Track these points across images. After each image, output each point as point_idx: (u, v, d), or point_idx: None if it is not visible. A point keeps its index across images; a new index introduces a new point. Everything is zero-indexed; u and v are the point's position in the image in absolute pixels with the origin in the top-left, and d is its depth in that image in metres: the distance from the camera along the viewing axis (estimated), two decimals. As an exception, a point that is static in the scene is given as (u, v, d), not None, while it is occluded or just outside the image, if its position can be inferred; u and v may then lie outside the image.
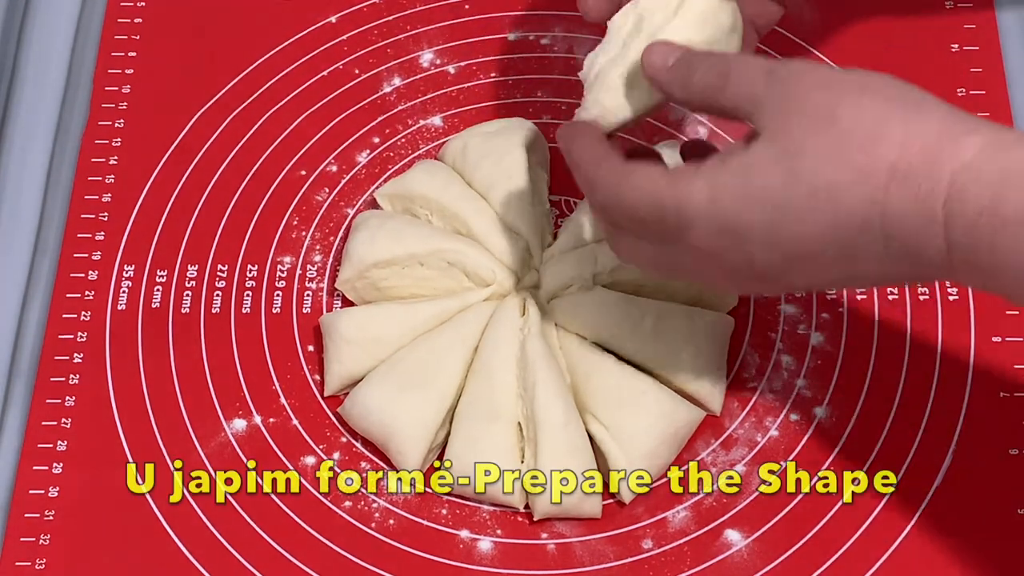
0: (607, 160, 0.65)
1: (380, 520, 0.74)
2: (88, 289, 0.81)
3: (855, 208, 0.59)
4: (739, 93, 0.62)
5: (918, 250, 0.58)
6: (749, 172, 0.61)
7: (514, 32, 0.89)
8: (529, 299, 0.77)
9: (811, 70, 0.61)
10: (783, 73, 0.61)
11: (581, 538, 0.73)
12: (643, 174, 0.63)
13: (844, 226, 0.59)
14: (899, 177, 0.58)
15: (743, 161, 0.61)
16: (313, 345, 0.79)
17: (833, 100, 0.60)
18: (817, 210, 0.59)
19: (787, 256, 0.61)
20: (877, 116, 0.59)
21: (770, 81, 0.61)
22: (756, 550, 0.73)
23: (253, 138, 0.85)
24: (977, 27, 0.88)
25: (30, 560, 0.73)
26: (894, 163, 0.58)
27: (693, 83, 0.64)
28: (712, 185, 0.61)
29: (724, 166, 0.61)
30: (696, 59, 0.65)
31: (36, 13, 0.91)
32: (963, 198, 0.57)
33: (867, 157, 0.58)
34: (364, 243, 0.78)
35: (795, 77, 0.61)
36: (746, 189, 0.61)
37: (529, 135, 0.81)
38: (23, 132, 0.86)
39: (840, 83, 0.60)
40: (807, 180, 0.59)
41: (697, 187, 0.62)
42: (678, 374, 0.75)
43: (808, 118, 0.60)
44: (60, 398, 0.77)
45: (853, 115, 0.59)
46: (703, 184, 0.62)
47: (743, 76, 0.62)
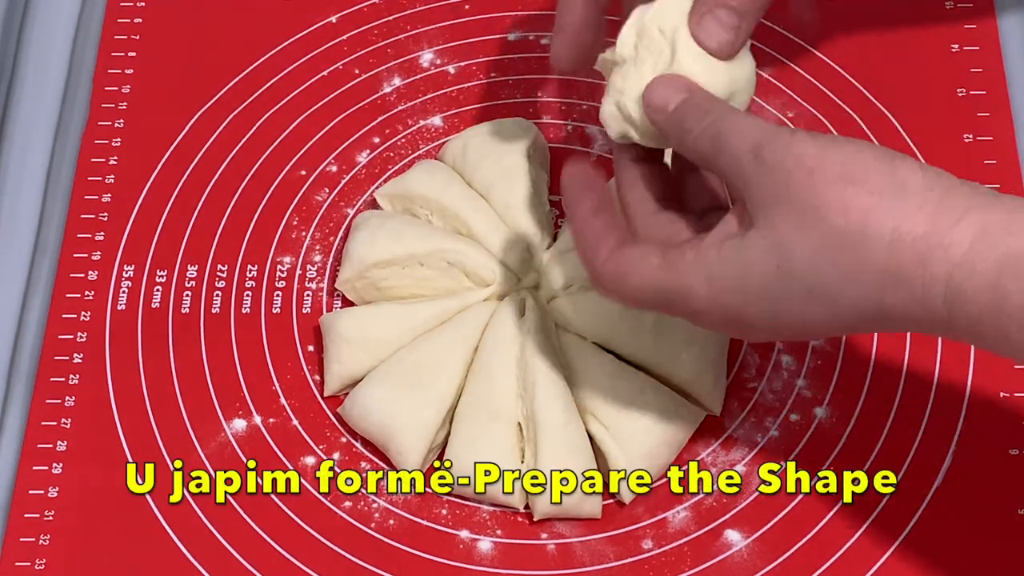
0: (604, 242, 0.65)
1: (380, 520, 0.74)
2: (88, 289, 0.81)
3: (853, 303, 0.59)
4: (729, 169, 0.62)
5: (924, 331, 0.59)
6: (745, 268, 0.60)
7: (514, 32, 0.89)
8: (529, 299, 0.77)
9: (794, 157, 0.59)
10: (768, 156, 0.60)
11: (581, 538, 0.73)
12: (641, 266, 0.63)
13: (844, 316, 0.60)
14: (892, 280, 0.58)
15: (739, 255, 0.60)
16: (313, 345, 0.79)
17: (817, 194, 0.58)
18: (815, 305, 0.60)
19: (793, 335, 0.63)
20: (862, 213, 0.58)
21: (756, 163, 0.60)
22: (756, 550, 0.73)
23: (253, 138, 0.85)
24: (977, 27, 0.88)
25: (30, 560, 0.73)
26: (884, 267, 0.58)
27: (687, 144, 0.63)
28: (710, 279, 0.61)
29: (721, 256, 0.61)
30: (692, 116, 0.63)
31: (36, 13, 0.91)
32: (963, 298, 0.57)
33: (856, 259, 0.58)
34: (364, 243, 0.78)
35: (779, 163, 0.59)
36: (744, 284, 0.60)
37: (529, 135, 0.81)
38: (23, 132, 0.86)
39: (823, 173, 0.59)
40: (801, 279, 0.59)
41: (697, 281, 0.61)
42: (678, 374, 0.75)
43: (794, 213, 0.59)
44: (60, 398, 0.77)
45: (838, 212, 0.58)
46: (703, 279, 0.61)
47: (732, 151, 0.61)
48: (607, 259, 0.64)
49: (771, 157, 0.60)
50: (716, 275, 0.61)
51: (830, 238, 0.58)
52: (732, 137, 0.61)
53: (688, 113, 0.64)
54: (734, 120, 0.62)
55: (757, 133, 0.61)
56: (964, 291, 0.56)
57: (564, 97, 0.86)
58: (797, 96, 0.86)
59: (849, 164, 0.59)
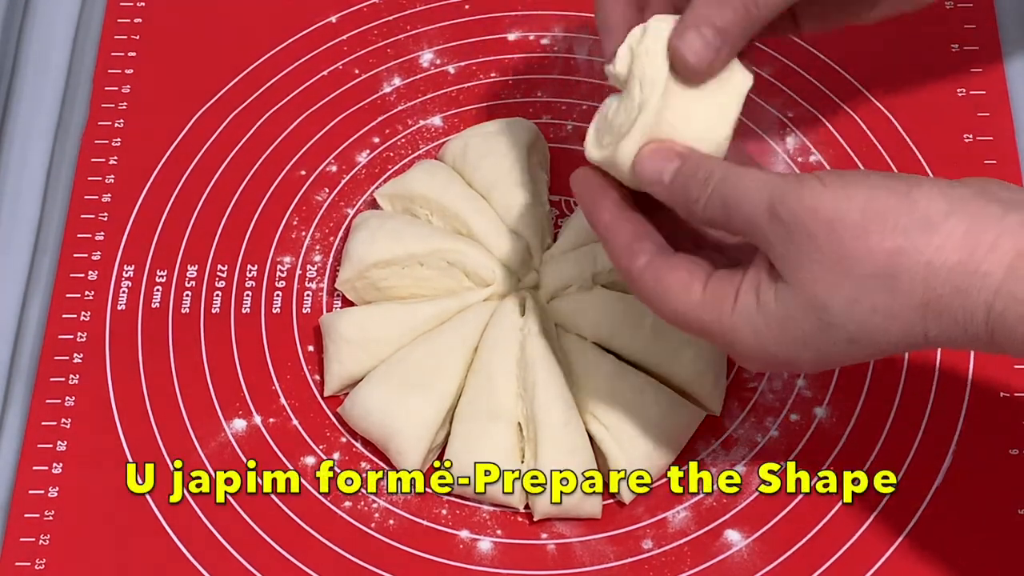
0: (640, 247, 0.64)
1: (380, 520, 0.74)
2: (88, 289, 0.81)
3: (896, 340, 0.59)
4: (746, 230, 0.61)
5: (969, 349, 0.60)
6: (785, 323, 0.60)
7: (514, 32, 0.89)
8: (529, 299, 0.77)
9: (809, 211, 0.59)
10: (784, 214, 0.59)
11: (581, 538, 0.73)
12: (683, 295, 0.63)
13: (888, 350, 0.60)
14: (932, 313, 0.58)
15: (776, 312, 0.60)
16: (313, 345, 0.79)
17: (842, 246, 0.58)
18: (859, 348, 0.60)
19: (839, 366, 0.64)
20: (890, 256, 0.58)
21: (773, 223, 0.60)
22: (756, 550, 0.73)
23: (253, 138, 0.85)
24: (977, 27, 0.88)
25: (30, 560, 0.73)
26: (923, 302, 0.58)
27: (696, 212, 0.63)
28: (755, 331, 0.61)
29: (760, 309, 0.61)
30: (692, 183, 0.63)
31: (36, 13, 0.91)
32: (1006, 324, 0.57)
33: (893, 301, 0.58)
34: (364, 243, 0.78)
35: (796, 221, 0.59)
36: (786, 336, 0.61)
37: (529, 135, 0.81)
38: (23, 132, 0.86)
39: (842, 223, 0.58)
40: (843, 328, 0.59)
41: (742, 332, 0.61)
42: (678, 374, 0.75)
43: (823, 269, 0.59)
44: (60, 398, 0.77)
45: (866, 259, 0.58)
46: (748, 330, 0.61)
47: (744, 211, 0.61)
48: (646, 268, 0.64)
49: (787, 215, 0.59)
50: (760, 327, 0.61)
51: (863, 287, 0.58)
52: (742, 200, 0.61)
53: (687, 183, 0.63)
54: (738, 181, 0.61)
55: (766, 191, 0.60)
56: (1006, 318, 0.57)
57: (564, 97, 0.87)
58: (797, 96, 0.86)
59: (867, 209, 0.58)
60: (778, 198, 0.60)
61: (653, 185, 0.64)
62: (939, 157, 0.83)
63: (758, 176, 0.61)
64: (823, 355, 0.61)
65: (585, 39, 0.88)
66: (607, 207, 0.66)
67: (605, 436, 0.73)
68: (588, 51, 0.88)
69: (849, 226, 0.58)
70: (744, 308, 0.61)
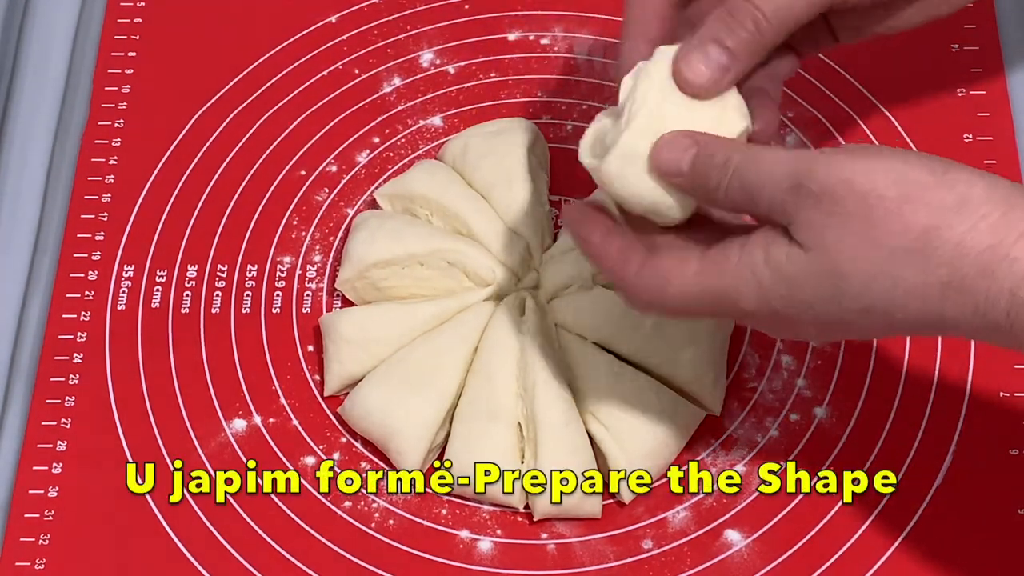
0: (631, 256, 0.63)
1: (380, 520, 0.74)
2: (88, 289, 0.81)
3: (911, 317, 0.58)
4: (768, 211, 0.60)
5: (982, 338, 0.59)
6: (796, 283, 0.59)
7: (514, 32, 0.89)
8: (529, 299, 0.77)
9: (842, 181, 0.58)
10: (813, 187, 0.58)
11: (581, 538, 0.73)
12: (680, 271, 0.62)
13: (900, 327, 0.59)
14: (954, 293, 0.57)
15: (788, 272, 0.59)
16: (313, 345, 0.79)
17: (874, 217, 0.58)
18: (872, 319, 0.59)
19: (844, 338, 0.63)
20: (924, 230, 0.57)
21: (799, 197, 0.59)
22: (756, 550, 0.73)
23: (253, 138, 0.85)
24: (977, 27, 0.88)
25: (30, 560, 0.73)
26: (947, 281, 0.57)
27: (718, 199, 0.61)
28: (760, 286, 0.60)
29: (769, 265, 0.60)
30: (712, 170, 0.61)
31: (36, 13, 0.91)
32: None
33: (917, 275, 0.57)
34: (364, 243, 0.78)
35: (826, 191, 0.58)
36: (794, 296, 0.60)
37: (529, 135, 0.81)
38: (23, 132, 0.86)
39: (877, 195, 0.57)
40: (859, 299, 0.58)
41: (746, 286, 0.60)
42: (678, 374, 0.75)
43: (850, 237, 0.58)
44: (60, 398, 0.77)
45: (899, 232, 0.57)
46: (752, 284, 0.60)
47: (767, 192, 0.60)
48: (639, 271, 0.63)
49: (816, 186, 0.58)
50: (766, 283, 0.60)
51: (891, 259, 0.58)
52: (763, 181, 0.60)
53: (707, 172, 0.61)
54: (758, 162, 0.60)
55: (789, 168, 0.59)
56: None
57: (564, 97, 0.87)
58: (797, 96, 0.85)
59: (903, 183, 0.58)
60: (804, 172, 0.59)
61: (674, 178, 0.62)
62: (939, 157, 0.83)
63: (779, 154, 0.60)
64: (830, 323, 0.60)
65: (585, 39, 0.88)
66: (596, 230, 0.65)
67: (605, 436, 0.73)
68: (588, 51, 0.88)
69: (884, 198, 0.57)
70: (748, 262, 0.60)
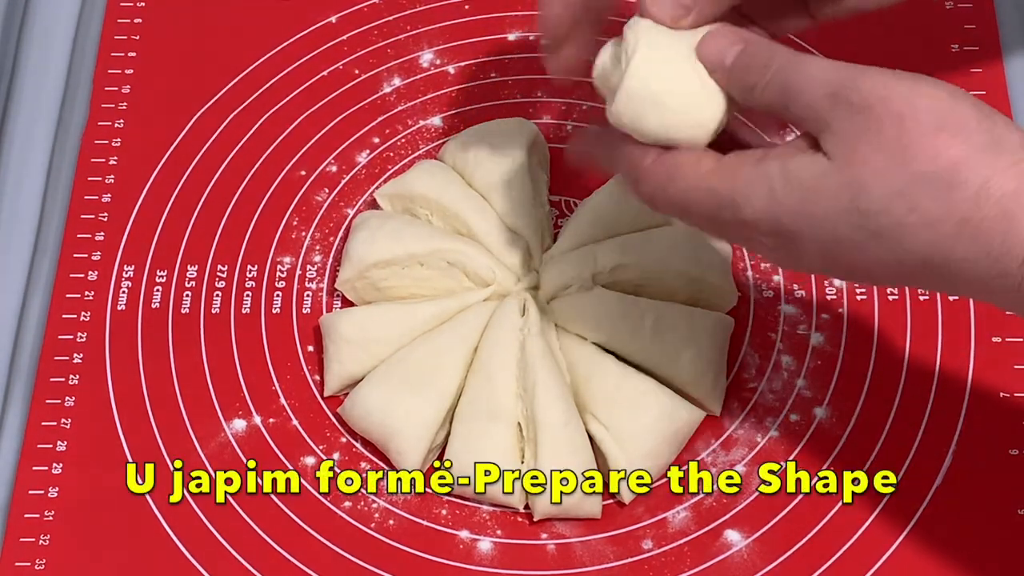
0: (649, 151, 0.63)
1: (380, 520, 0.74)
2: (88, 289, 0.81)
3: (920, 251, 0.58)
4: (803, 115, 0.59)
5: (986, 290, 0.58)
6: (812, 194, 0.59)
7: (514, 32, 0.89)
8: (529, 299, 0.77)
9: (880, 99, 0.57)
10: (853, 98, 0.58)
11: (581, 538, 0.73)
12: (693, 167, 0.61)
13: (907, 263, 0.58)
14: (970, 231, 0.56)
15: (807, 178, 0.59)
16: (313, 345, 0.79)
17: (907, 139, 0.57)
18: (881, 246, 0.58)
19: (844, 273, 0.61)
20: (953, 162, 0.56)
21: (836, 106, 0.58)
22: (756, 550, 0.73)
23: (253, 138, 0.85)
24: (977, 27, 0.88)
25: (30, 560, 0.73)
26: (966, 216, 0.56)
27: (754, 96, 0.61)
28: (771, 192, 0.59)
29: (785, 172, 0.59)
30: (753, 70, 0.61)
31: (36, 13, 0.91)
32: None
33: (938, 206, 0.57)
34: (364, 243, 0.78)
35: (864, 104, 0.57)
36: (805, 208, 0.59)
37: (529, 135, 0.81)
38: (23, 132, 0.86)
39: (915, 118, 0.57)
40: (873, 218, 0.58)
41: (755, 192, 0.60)
42: (678, 374, 0.75)
43: (879, 153, 0.57)
44: (60, 398, 0.77)
45: (928, 158, 0.57)
46: (763, 190, 0.60)
47: (805, 96, 0.59)
48: (655, 161, 0.63)
49: (855, 97, 0.58)
50: (778, 190, 0.59)
51: (914, 183, 0.57)
52: (803, 85, 0.59)
53: (748, 66, 0.61)
54: (800, 67, 0.60)
55: (831, 75, 0.59)
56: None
57: (564, 97, 0.87)
58: (797, 96, 0.85)
59: (943, 112, 0.57)
60: (845, 81, 0.58)
61: (716, 70, 0.62)
62: (939, 157, 0.83)
63: (823, 63, 0.59)
64: (837, 244, 0.59)
65: (585, 39, 0.88)
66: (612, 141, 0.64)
67: (605, 436, 0.73)
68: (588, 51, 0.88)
69: (920, 123, 0.57)
70: (764, 170, 0.60)
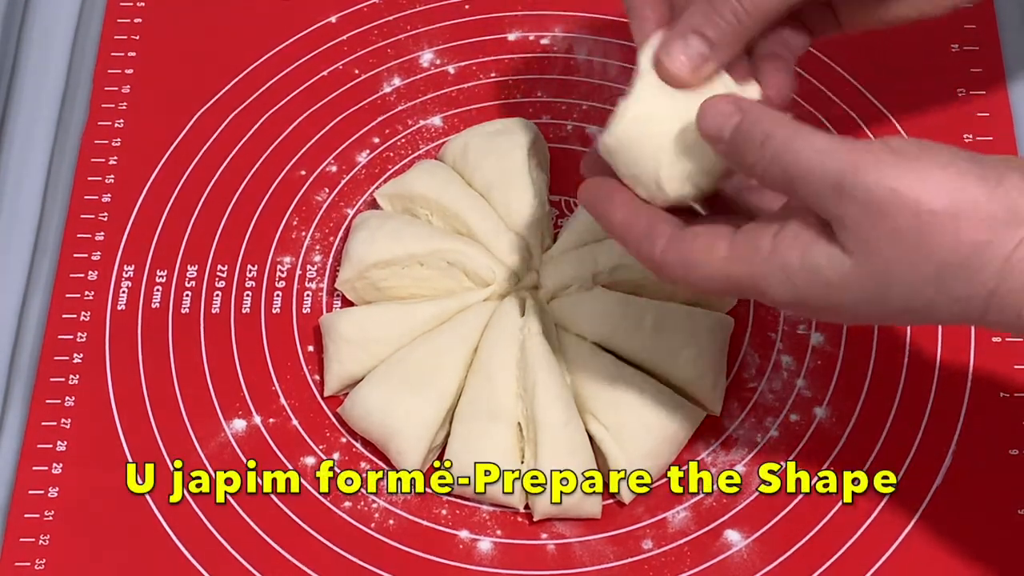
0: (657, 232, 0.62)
1: (380, 520, 0.74)
2: (88, 289, 0.81)
3: (946, 319, 0.58)
4: (809, 202, 0.58)
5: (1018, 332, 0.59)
6: (834, 289, 0.58)
7: (514, 32, 0.89)
8: (529, 299, 0.77)
9: (888, 190, 0.56)
10: (860, 195, 0.57)
11: (581, 538, 0.73)
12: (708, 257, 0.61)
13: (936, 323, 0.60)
14: (998, 300, 0.57)
15: (828, 277, 0.58)
16: (313, 345, 0.79)
17: (926, 231, 0.56)
18: (907, 319, 0.59)
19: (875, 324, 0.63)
20: (975, 247, 0.56)
21: (842, 200, 0.57)
22: (756, 550, 0.73)
23: (253, 138, 0.85)
24: (977, 27, 0.88)
25: (30, 560, 0.73)
26: (992, 290, 0.57)
27: (756, 175, 0.60)
28: (793, 283, 0.59)
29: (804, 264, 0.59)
30: (749, 149, 0.60)
31: (36, 13, 0.91)
32: None
33: (965, 287, 0.57)
34: (364, 243, 0.78)
35: (872, 199, 0.56)
36: (830, 300, 0.59)
37: (529, 135, 0.81)
38: (23, 132, 0.86)
39: (927, 208, 0.56)
40: (900, 300, 0.58)
41: (776, 279, 0.59)
42: (678, 374, 0.75)
43: (899, 247, 0.57)
44: (60, 398, 0.77)
45: (950, 248, 0.56)
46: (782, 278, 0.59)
47: (809, 187, 0.58)
48: (667, 249, 0.62)
49: (861, 193, 0.57)
50: (800, 285, 0.59)
51: (939, 273, 0.57)
52: (804, 172, 0.58)
53: (744, 144, 0.60)
54: (800, 149, 0.59)
55: (832, 164, 0.57)
56: None
57: (564, 97, 0.87)
58: (797, 96, 0.85)
59: (954, 193, 0.56)
60: (850, 173, 0.57)
61: (716, 144, 0.61)
62: (939, 157, 0.83)
63: (822, 144, 0.58)
64: (863, 317, 0.60)
65: (585, 39, 0.88)
66: (617, 206, 0.64)
67: (605, 436, 0.73)
68: (588, 51, 0.88)
69: (936, 213, 0.56)
70: (781, 261, 0.59)
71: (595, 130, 0.85)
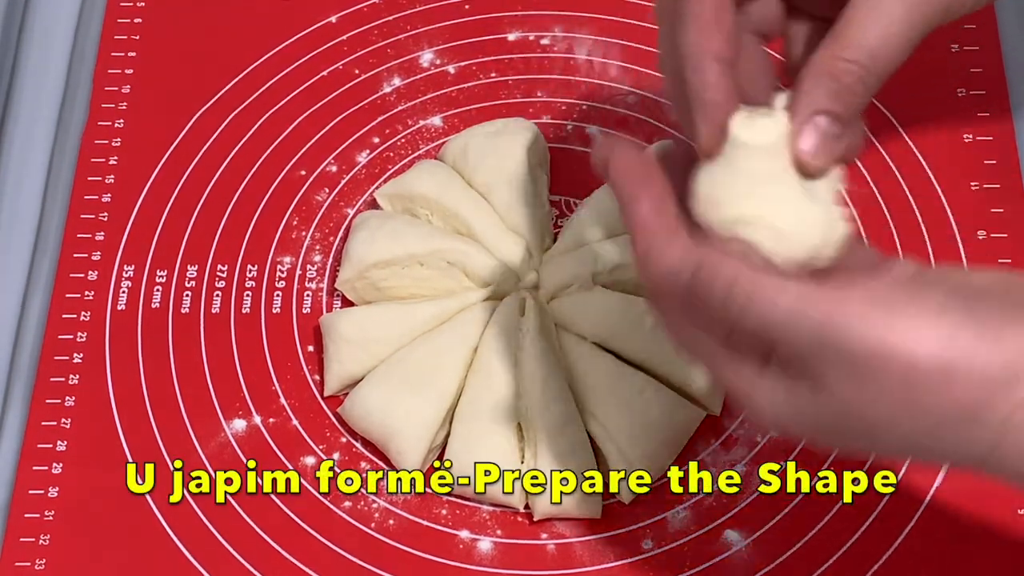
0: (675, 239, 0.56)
1: (380, 520, 0.74)
2: (88, 289, 0.81)
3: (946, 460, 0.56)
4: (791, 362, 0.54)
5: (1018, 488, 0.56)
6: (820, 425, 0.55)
7: (514, 32, 0.89)
8: (529, 299, 0.77)
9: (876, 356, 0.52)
10: (843, 355, 0.52)
11: (581, 538, 0.73)
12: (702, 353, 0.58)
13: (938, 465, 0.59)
14: (999, 453, 0.53)
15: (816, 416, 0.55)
16: (313, 345, 0.79)
17: (916, 394, 0.52)
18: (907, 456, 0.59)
19: None
20: (970, 407, 0.52)
21: (823, 356, 0.53)
22: (756, 550, 0.73)
23: (253, 138, 0.85)
24: (977, 27, 0.88)
25: (30, 560, 0.73)
26: (992, 444, 0.53)
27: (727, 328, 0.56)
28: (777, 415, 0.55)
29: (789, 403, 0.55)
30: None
31: (36, 13, 0.91)
32: None
33: (961, 441, 0.53)
34: (364, 243, 0.78)
35: (860, 363, 0.52)
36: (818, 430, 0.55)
37: (530, 135, 0.81)
38: (23, 132, 0.86)
39: (925, 374, 0.52)
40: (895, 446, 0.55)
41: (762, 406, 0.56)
42: (678, 374, 0.75)
43: (888, 408, 0.52)
44: (60, 398, 0.77)
45: (944, 411, 0.52)
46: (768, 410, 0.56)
47: (792, 341, 0.53)
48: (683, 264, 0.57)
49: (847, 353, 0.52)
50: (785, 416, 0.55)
51: (935, 428, 0.53)
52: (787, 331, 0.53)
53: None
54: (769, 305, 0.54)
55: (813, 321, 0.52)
56: None
57: (564, 97, 0.86)
58: (797, 96, 0.85)
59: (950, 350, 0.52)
60: (830, 330, 0.52)
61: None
62: (939, 157, 0.83)
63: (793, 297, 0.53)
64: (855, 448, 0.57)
65: (585, 39, 0.88)
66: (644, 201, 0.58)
67: (605, 436, 0.73)
68: (588, 51, 0.88)
69: (931, 374, 0.52)
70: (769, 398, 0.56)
71: (595, 130, 0.85)
